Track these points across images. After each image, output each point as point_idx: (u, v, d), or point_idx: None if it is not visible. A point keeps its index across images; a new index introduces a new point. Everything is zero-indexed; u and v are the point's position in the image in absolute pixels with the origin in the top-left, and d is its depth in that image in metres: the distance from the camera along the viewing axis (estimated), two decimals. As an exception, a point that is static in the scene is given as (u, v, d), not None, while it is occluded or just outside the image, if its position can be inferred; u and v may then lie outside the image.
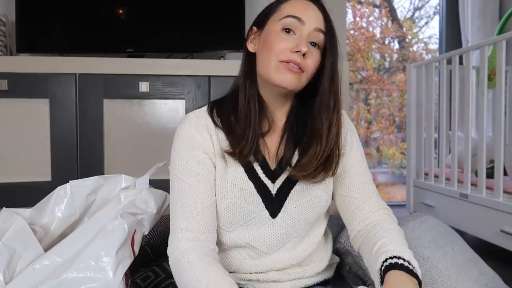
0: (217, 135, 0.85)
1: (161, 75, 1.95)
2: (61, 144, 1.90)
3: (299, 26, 0.80)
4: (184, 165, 0.83)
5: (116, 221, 0.84)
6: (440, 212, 2.41)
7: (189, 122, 0.86)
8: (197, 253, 0.77)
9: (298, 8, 0.81)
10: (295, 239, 0.90)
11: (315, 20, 0.81)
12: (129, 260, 0.84)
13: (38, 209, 0.96)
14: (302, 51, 0.78)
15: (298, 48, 0.78)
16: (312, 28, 0.80)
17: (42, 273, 0.77)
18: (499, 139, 1.94)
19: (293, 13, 0.80)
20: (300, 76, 0.81)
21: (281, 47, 0.79)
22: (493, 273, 1.20)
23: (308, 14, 0.81)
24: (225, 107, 0.88)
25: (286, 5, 0.83)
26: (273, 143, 0.89)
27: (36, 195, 1.03)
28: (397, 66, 3.73)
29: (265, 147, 0.88)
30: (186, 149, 0.84)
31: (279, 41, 0.80)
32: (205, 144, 0.84)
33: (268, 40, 0.82)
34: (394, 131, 3.69)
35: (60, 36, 2.12)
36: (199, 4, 2.16)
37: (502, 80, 1.92)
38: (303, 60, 0.79)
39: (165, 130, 1.97)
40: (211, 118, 0.86)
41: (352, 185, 0.91)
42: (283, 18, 0.81)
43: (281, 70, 0.80)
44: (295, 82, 0.81)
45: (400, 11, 3.71)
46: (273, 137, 0.89)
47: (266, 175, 0.86)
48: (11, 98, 1.87)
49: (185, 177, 0.83)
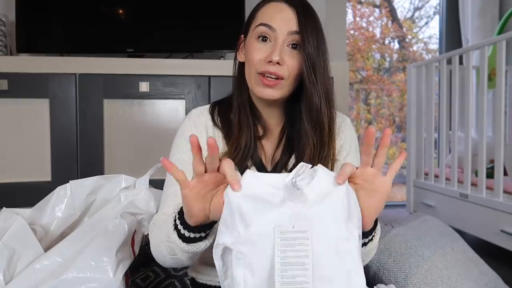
0: (214, 134, 0.86)
1: (161, 75, 1.95)
2: (61, 144, 1.90)
3: (272, 33, 0.79)
4: (178, 158, 0.86)
5: (116, 221, 0.84)
6: (440, 212, 2.41)
7: (190, 118, 0.88)
8: None
9: (269, 13, 0.80)
10: None
11: (286, 24, 0.79)
12: (129, 260, 0.84)
13: (38, 209, 0.96)
14: (274, 60, 0.77)
15: (269, 58, 0.77)
16: (285, 33, 0.78)
17: (42, 273, 0.77)
18: (499, 139, 1.94)
19: (264, 20, 0.79)
20: (281, 85, 0.80)
21: (257, 58, 0.79)
22: (493, 273, 1.20)
23: (280, 18, 0.79)
24: (226, 109, 0.89)
25: (260, 11, 0.82)
26: (270, 146, 0.89)
27: (36, 195, 1.03)
28: (397, 66, 3.73)
29: (261, 150, 0.88)
30: (182, 143, 0.87)
31: (254, 51, 0.80)
32: (201, 142, 0.85)
33: (248, 51, 0.82)
34: (394, 131, 3.69)
35: (60, 36, 2.12)
36: (199, 4, 2.16)
37: (502, 80, 1.92)
38: (279, 68, 0.78)
39: (165, 130, 1.97)
40: (212, 117, 0.88)
41: None
42: (256, 27, 0.80)
43: (259, 84, 0.80)
44: (276, 94, 0.80)
45: (400, 11, 3.72)
46: (270, 141, 0.89)
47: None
48: (11, 98, 1.86)
49: (170, 183, 0.85)
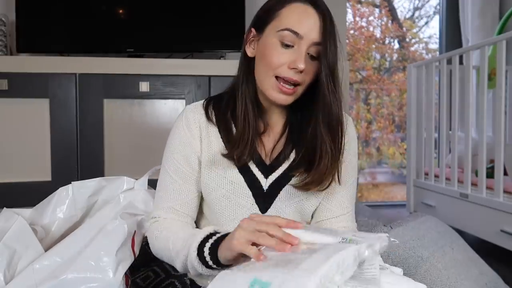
0: (208, 130, 0.87)
1: (161, 75, 1.95)
2: (61, 144, 1.90)
3: (297, 40, 0.78)
4: (171, 158, 0.88)
5: (116, 222, 0.84)
6: (440, 212, 2.41)
7: (183, 116, 0.90)
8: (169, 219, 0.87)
9: (296, 18, 0.78)
10: None
11: (312, 32, 0.78)
12: (129, 260, 0.84)
13: (39, 209, 0.96)
14: (299, 68, 0.77)
15: (294, 65, 0.77)
16: (310, 42, 0.78)
17: (42, 273, 0.77)
18: (499, 139, 1.94)
19: (291, 25, 0.78)
20: (296, 91, 0.81)
21: (279, 62, 0.78)
22: (493, 273, 1.20)
23: (308, 25, 0.78)
24: (223, 105, 0.89)
25: (286, 12, 0.80)
26: (270, 142, 0.89)
27: (36, 195, 1.03)
28: (397, 66, 3.73)
29: (261, 145, 0.88)
30: (176, 143, 0.88)
31: (277, 55, 0.79)
32: (193, 140, 0.87)
33: (266, 53, 0.80)
34: (394, 131, 3.69)
35: (60, 36, 2.12)
36: (199, 4, 2.16)
37: (502, 80, 1.92)
38: (300, 76, 0.79)
39: (165, 130, 1.96)
40: (205, 113, 0.88)
41: (335, 198, 0.90)
42: (281, 31, 0.78)
43: (275, 89, 0.80)
44: (290, 100, 0.81)
45: (400, 11, 3.71)
46: (270, 137, 0.89)
47: (260, 170, 0.86)
48: (11, 98, 1.87)
49: (171, 170, 0.88)
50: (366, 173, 3.61)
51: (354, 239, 0.57)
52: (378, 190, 3.66)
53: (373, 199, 3.57)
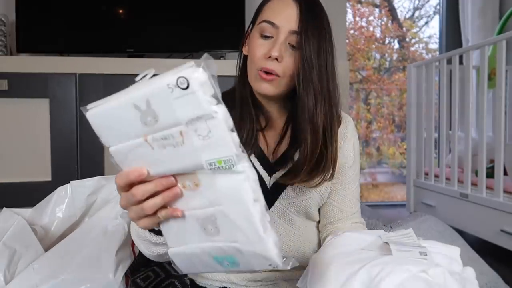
0: None
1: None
2: (61, 144, 1.90)
3: (274, 30, 0.79)
4: None
5: (116, 221, 0.84)
6: (440, 212, 2.41)
7: None
8: None
9: (274, 9, 0.80)
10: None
11: (288, 22, 0.78)
12: (129, 260, 0.84)
13: (38, 209, 0.96)
14: (272, 56, 0.77)
15: (269, 53, 0.77)
16: (287, 31, 0.78)
17: (42, 273, 0.77)
18: (499, 139, 1.94)
19: (269, 17, 0.79)
20: (277, 82, 0.80)
21: (258, 54, 0.79)
22: (493, 273, 1.20)
23: (284, 15, 0.78)
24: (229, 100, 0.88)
25: (267, 5, 0.82)
26: (273, 138, 0.89)
27: (36, 195, 1.03)
28: (397, 66, 3.73)
29: (264, 140, 0.88)
30: None
31: (256, 47, 0.80)
32: None
33: (250, 46, 0.82)
34: (394, 131, 3.69)
35: (60, 36, 2.12)
36: (199, 4, 2.16)
37: (502, 80, 1.92)
38: (277, 65, 0.78)
39: (165, 130, 1.97)
40: None
41: (346, 198, 0.92)
42: (260, 23, 0.80)
43: (258, 79, 0.80)
44: (272, 89, 0.80)
45: (400, 10, 3.71)
46: (273, 132, 0.89)
47: (263, 167, 0.86)
48: (11, 98, 1.86)
49: None
50: (366, 173, 3.61)
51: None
52: (378, 190, 3.66)
53: (373, 199, 3.57)
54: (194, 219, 0.51)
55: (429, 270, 0.57)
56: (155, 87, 0.44)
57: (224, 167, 0.45)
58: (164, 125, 0.45)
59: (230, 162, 0.45)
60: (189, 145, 0.45)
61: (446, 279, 0.56)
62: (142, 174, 0.50)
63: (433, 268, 0.58)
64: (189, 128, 0.44)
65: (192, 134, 0.45)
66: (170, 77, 0.43)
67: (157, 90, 0.44)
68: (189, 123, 0.44)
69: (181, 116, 0.44)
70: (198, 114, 0.44)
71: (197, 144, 0.45)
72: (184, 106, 0.43)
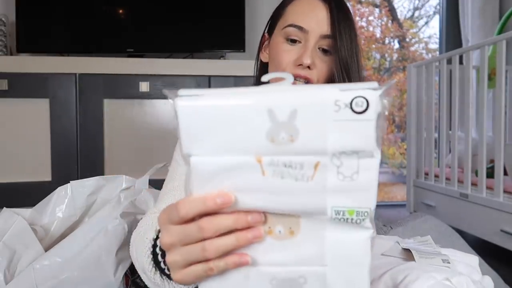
0: None
1: (161, 75, 1.95)
2: (61, 144, 1.90)
3: (302, 35, 0.74)
4: (176, 171, 0.78)
5: (116, 221, 0.84)
6: (440, 212, 2.41)
7: None
8: None
9: (300, 12, 0.75)
10: None
11: (319, 26, 0.73)
12: (129, 260, 0.84)
13: (38, 209, 0.96)
14: (304, 64, 0.73)
15: (300, 61, 0.73)
16: (317, 36, 0.74)
17: (42, 273, 0.77)
18: (499, 139, 1.94)
19: (295, 20, 0.74)
20: None
21: (285, 61, 0.75)
22: (493, 273, 1.20)
23: (312, 18, 0.73)
24: None
25: (291, 8, 0.77)
26: None
27: (36, 195, 1.03)
28: (397, 66, 3.72)
29: None
30: (179, 157, 0.80)
31: (282, 54, 0.75)
32: None
33: (274, 53, 0.78)
34: (394, 131, 3.69)
35: (60, 36, 2.12)
36: (199, 4, 2.16)
37: (502, 80, 1.92)
38: (308, 72, 0.74)
39: (165, 130, 1.97)
40: None
41: None
42: (285, 27, 0.75)
43: None
44: None
45: (400, 10, 3.71)
46: None
47: None
48: (11, 98, 1.87)
49: (170, 178, 0.78)
50: (366, 173, 3.61)
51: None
52: (378, 190, 3.66)
53: (373, 199, 3.56)
54: (267, 278, 0.38)
55: (453, 278, 0.56)
56: (313, 98, 0.33)
57: (354, 220, 0.37)
58: (300, 149, 0.34)
59: (363, 216, 0.37)
60: (319, 182, 0.35)
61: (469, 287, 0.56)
62: (228, 202, 0.36)
63: (456, 276, 0.57)
64: (332, 161, 0.34)
65: (331, 170, 0.35)
66: (340, 93, 0.33)
67: (314, 103, 0.33)
68: (336, 155, 0.34)
69: (332, 144, 0.34)
70: (355, 148, 0.34)
71: (331, 184, 0.35)
72: (345, 133, 0.33)
